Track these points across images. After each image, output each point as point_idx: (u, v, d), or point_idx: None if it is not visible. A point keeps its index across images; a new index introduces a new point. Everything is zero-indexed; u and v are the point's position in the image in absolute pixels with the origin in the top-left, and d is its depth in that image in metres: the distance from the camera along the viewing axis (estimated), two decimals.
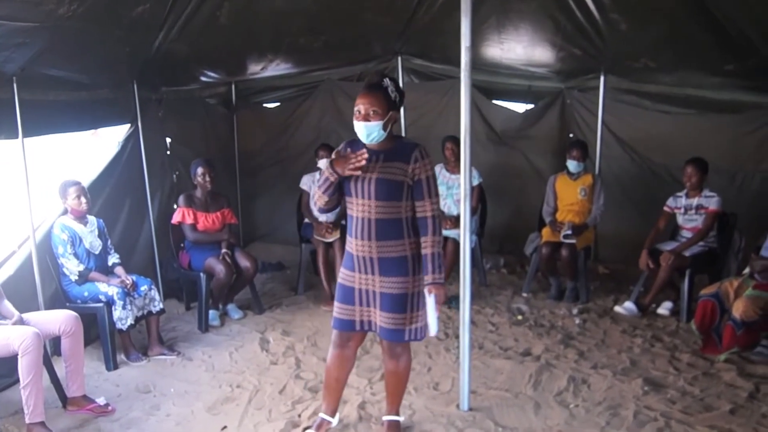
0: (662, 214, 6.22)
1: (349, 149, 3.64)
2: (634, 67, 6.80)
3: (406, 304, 3.62)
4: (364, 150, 3.54)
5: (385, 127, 3.53)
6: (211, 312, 6.09)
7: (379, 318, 3.66)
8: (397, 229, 3.58)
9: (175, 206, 6.20)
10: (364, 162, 3.49)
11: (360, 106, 3.53)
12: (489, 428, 4.04)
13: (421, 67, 8.31)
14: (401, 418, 4.04)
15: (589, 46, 6.39)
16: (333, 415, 4.03)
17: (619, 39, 6.15)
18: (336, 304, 3.78)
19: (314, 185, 3.65)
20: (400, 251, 3.59)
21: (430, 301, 3.61)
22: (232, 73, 7.79)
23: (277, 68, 7.62)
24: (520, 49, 6.86)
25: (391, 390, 3.95)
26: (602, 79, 7.21)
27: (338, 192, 3.66)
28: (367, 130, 3.53)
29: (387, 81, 3.59)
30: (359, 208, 3.59)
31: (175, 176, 6.99)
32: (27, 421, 3.99)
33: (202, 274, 5.97)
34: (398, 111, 3.64)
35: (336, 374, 3.91)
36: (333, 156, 3.68)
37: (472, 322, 4.29)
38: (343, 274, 3.76)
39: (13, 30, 4.13)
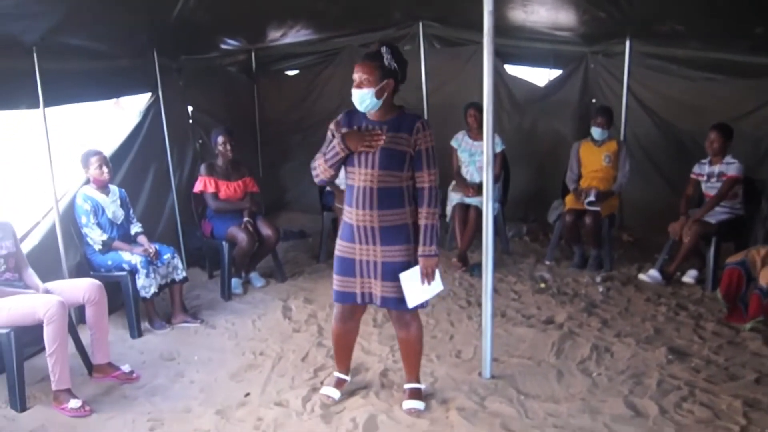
0: (690, 181, 6.12)
1: (365, 125, 3.62)
2: (661, 31, 6.65)
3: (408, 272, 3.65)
4: (380, 133, 3.54)
5: (378, 95, 3.53)
6: (234, 280, 6.11)
7: (381, 288, 3.68)
8: (398, 198, 3.61)
9: (197, 175, 6.21)
10: (381, 142, 3.51)
11: (355, 75, 3.55)
12: (511, 396, 4.03)
13: (442, 32, 8.20)
14: (422, 386, 4.05)
15: (614, 9, 6.25)
16: (347, 373, 4.14)
17: (646, 2, 6.00)
18: (336, 276, 3.79)
19: (320, 156, 3.64)
20: (401, 220, 3.63)
21: (413, 272, 3.62)
22: (252, 40, 7.74)
23: (297, 35, 7.56)
24: (543, 11, 6.72)
25: (406, 358, 3.98)
26: (628, 43, 7.05)
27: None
28: (360, 98, 3.55)
29: (384, 49, 3.58)
30: (361, 177, 3.59)
31: (198, 144, 7.00)
32: (53, 388, 4.05)
33: (224, 243, 5.99)
34: (397, 79, 3.60)
35: (342, 343, 4.04)
36: (333, 126, 3.70)
37: (495, 290, 4.26)
38: (341, 246, 3.76)
39: None
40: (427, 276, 3.64)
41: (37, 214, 5.28)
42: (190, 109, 7.02)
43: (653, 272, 6.05)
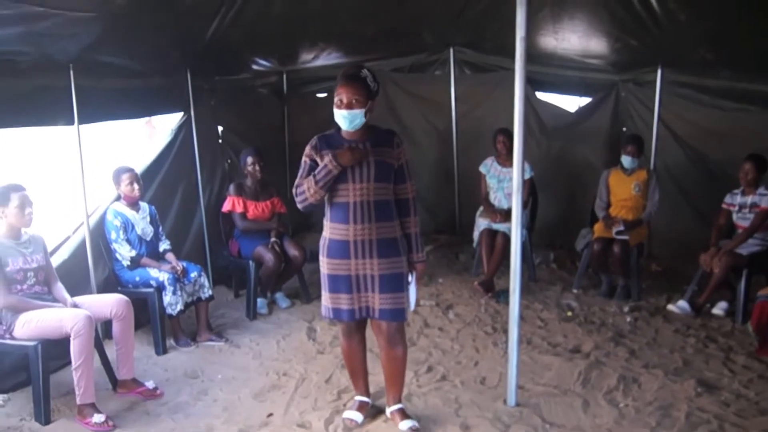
0: (721, 211, 6.05)
1: (347, 145, 3.69)
2: (692, 60, 6.61)
3: (403, 283, 3.77)
4: (363, 148, 3.67)
5: (366, 115, 3.67)
6: (260, 300, 6.13)
7: (379, 301, 3.72)
8: (389, 210, 3.74)
9: (225, 194, 6.25)
10: (365, 155, 3.66)
11: (342, 96, 3.64)
12: (536, 425, 3.97)
13: (473, 58, 8.25)
14: (404, 405, 4.07)
15: (646, 36, 6.22)
16: (368, 396, 4.15)
17: (678, 30, 5.96)
18: (329, 295, 3.82)
19: (304, 182, 3.71)
20: (394, 232, 3.75)
21: (413, 278, 3.83)
22: (284, 62, 7.80)
23: (328, 57, 7.62)
24: (575, 39, 6.72)
25: (392, 377, 3.99)
26: (659, 72, 7.01)
27: None
28: (351, 117, 3.65)
29: (365, 71, 3.70)
30: (357, 192, 3.65)
31: (227, 164, 7.05)
32: (78, 402, 4.07)
33: (251, 262, 6.01)
34: (375, 101, 3.74)
35: (352, 361, 4.07)
36: (310, 151, 3.77)
37: (521, 317, 4.22)
38: (332, 264, 3.76)
39: (69, 20, 4.20)
40: (420, 281, 3.89)
41: (67, 228, 5.35)
42: (220, 129, 7.08)
43: (682, 303, 5.96)
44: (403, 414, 3.97)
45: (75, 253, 5.12)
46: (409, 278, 3.80)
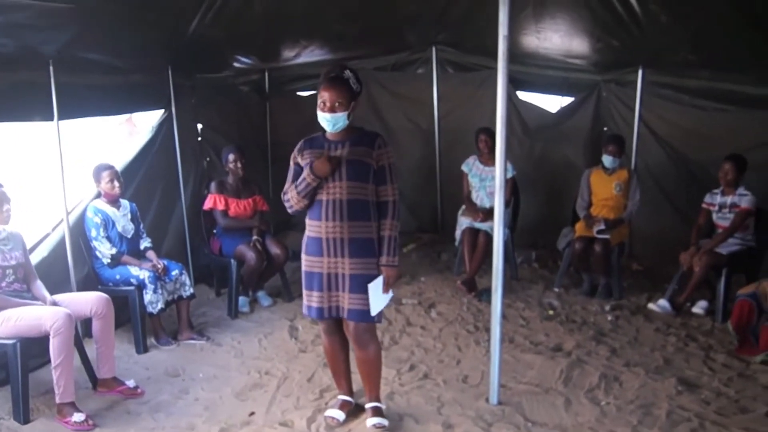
0: (701, 211, 6.09)
1: (327, 146, 3.75)
2: (674, 61, 6.66)
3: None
4: (338, 154, 3.70)
5: (349, 117, 3.69)
6: (241, 298, 6.10)
7: (348, 301, 3.73)
8: (365, 211, 3.72)
9: (206, 192, 6.21)
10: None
11: (326, 99, 3.66)
12: (518, 423, 3.98)
13: (455, 57, 8.26)
14: (383, 405, 4.06)
15: (627, 37, 6.26)
16: (351, 395, 4.14)
17: (659, 31, 6.02)
18: (305, 291, 3.86)
19: (291, 189, 3.74)
20: (368, 233, 3.73)
21: (378, 282, 3.71)
22: (266, 59, 7.76)
23: (311, 54, 7.59)
24: (557, 38, 6.75)
25: (366, 378, 3.99)
26: (640, 72, 7.05)
27: None
28: (334, 120, 3.67)
29: (348, 72, 3.72)
30: (330, 190, 3.68)
31: (205, 163, 7.01)
32: (57, 401, 4.03)
33: (232, 261, 5.98)
34: (358, 101, 3.77)
35: (334, 360, 4.08)
36: (296, 155, 3.82)
37: (503, 316, 4.23)
38: (308, 261, 3.81)
39: (47, 11, 4.18)
40: (389, 285, 3.76)
41: (47, 225, 5.29)
42: (199, 126, 7.03)
43: (663, 302, 6.00)
44: (375, 412, 3.96)
45: (54, 251, 5.06)
46: (376, 280, 3.72)
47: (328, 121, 3.68)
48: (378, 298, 3.72)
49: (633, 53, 6.76)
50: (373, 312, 3.71)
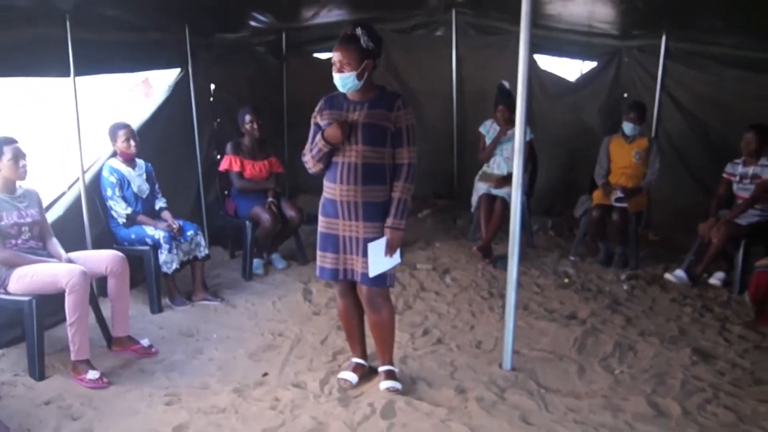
0: (721, 181, 6.00)
1: (345, 107, 3.70)
2: (699, 26, 6.52)
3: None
4: (350, 119, 3.64)
5: (359, 77, 3.62)
6: (256, 261, 6.10)
7: (362, 265, 3.70)
8: (380, 174, 3.67)
9: (216, 154, 6.18)
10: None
11: (334, 59, 3.62)
12: (531, 389, 3.97)
13: (475, 20, 8.15)
14: (396, 368, 4.05)
15: None
16: (365, 358, 4.14)
17: None
18: (319, 253, 3.84)
19: (307, 152, 3.70)
20: (383, 196, 3.69)
21: (380, 243, 3.66)
22: (284, 19, 7.67)
23: (329, 15, 7.49)
24: (580, 0, 6.62)
25: (379, 341, 3.98)
26: (664, 38, 6.93)
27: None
28: (342, 81, 3.63)
29: (359, 30, 3.62)
30: (346, 153, 3.65)
31: (215, 124, 6.95)
32: (72, 358, 4.06)
33: (247, 222, 5.97)
34: (375, 58, 3.67)
35: (348, 322, 4.07)
36: (316, 115, 3.77)
37: (518, 283, 4.20)
38: (324, 222, 3.80)
39: None
40: (392, 248, 3.70)
41: (63, 184, 5.29)
42: (212, 87, 6.97)
43: (679, 272, 5.95)
44: (388, 375, 3.96)
45: (70, 209, 5.06)
46: (379, 241, 3.67)
47: (338, 81, 3.64)
48: (379, 259, 3.67)
49: (657, 16, 6.62)
50: (371, 273, 3.67)
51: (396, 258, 3.74)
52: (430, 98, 8.45)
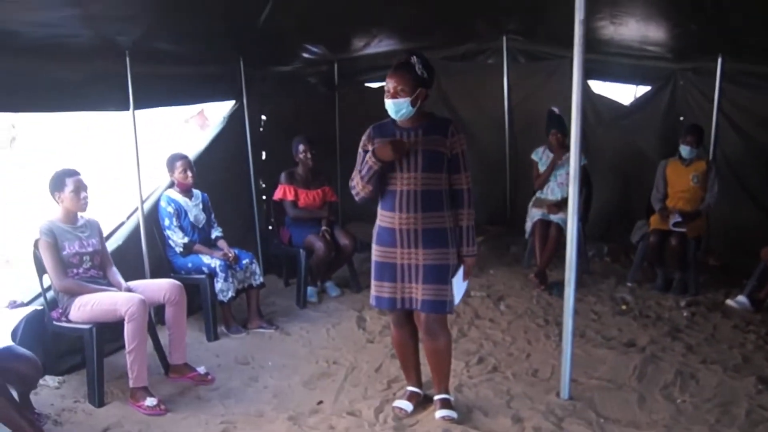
0: None
1: (398, 134, 3.71)
2: (755, 47, 6.39)
3: (448, 275, 3.71)
4: (407, 141, 3.65)
5: (413, 104, 3.62)
6: (310, 288, 6.13)
7: (422, 292, 3.69)
8: (438, 201, 3.68)
9: (262, 185, 6.26)
10: (409, 146, 3.63)
11: (388, 85, 3.64)
12: (590, 419, 3.88)
13: (526, 46, 8.13)
14: (451, 397, 4.00)
15: (706, 22, 6.03)
16: (420, 386, 4.11)
17: (741, 15, 5.77)
18: (375, 282, 3.83)
19: (356, 175, 3.71)
20: (441, 223, 3.69)
21: (459, 272, 3.75)
22: (335, 50, 7.76)
23: (379, 45, 7.56)
24: (633, 24, 6.53)
25: (435, 369, 3.94)
26: (720, 60, 6.81)
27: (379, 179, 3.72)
28: (396, 107, 3.64)
29: (414, 59, 3.65)
30: (404, 181, 3.65)
31: (263, 154, 7.02)
32: (131, 385, 4.13)
33: (301, 251, 6.01)
34: (428, 87, 3.69)
35: (403, 351, 4.05)
36: (365, 140, 3.79)
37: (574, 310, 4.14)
38: (380, 252, 3.79)
39: (123, 2, 4.29)
40: (469, 274, 3.81)
41: (122, 214, 5.41)
42: (263, 118, 7.07)
43: (741, 298, 5.79)
44: (444, 403, 3.92)
45: (129, 239, 5.18)
46: (458, 271, 3.73)
47: (391, 107, 3.65)
48: (460, 287, 3.74)
49: (713, 40, 6.52)
50: (457, 301, 3.73)
51: (467, 283, 3.83)
52: (482, 125, 8.43)
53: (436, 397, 3.96)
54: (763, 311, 5.70)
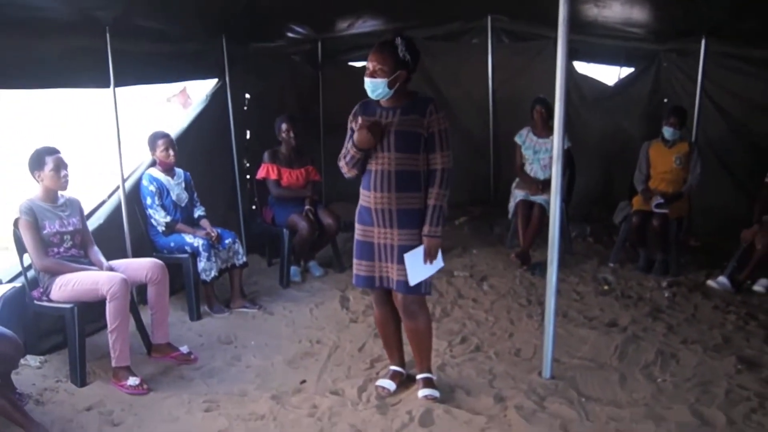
0: (764, 185, 5.88)
1: (378, 112, 3.69)
2: (738, 30, 6.41)
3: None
4: (381, 121, 3.63)
5: (390, 85, 3.59)
6: (293, 268, 6.12)
7: (397, 272, 3.69)
8: (415, 182, 3.66)
9: (246, 164, 6.21)
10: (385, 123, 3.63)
11: (369, 63, 3.61)
12: (572, 398, 3.91)
13: (511, 26, 8.11)
14: (434, 376, 4.02)
15: (690, 4, 6.04)
16: (403, 366, 4.12)
17: None
18: (355, 261, 3.84)
19: (341, 158, 3.70)
20: (417, 203, 3.67)
21: (417, 251, 3.65)
22: (319, 30, 7.71)
23: (363, 25, 7.52)
24: (617, 6, 6.55)
25: (416, 349, 3.96)
26: (703, 42, 6.82)
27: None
28: (373, 86, 3.61)
29: (399, 40, 3.62)
30: (379, 161, 3.65)
31: (248, 133, 6.98)
32: (113, 364, 4.11)
33: (285, 230, 5.99)
34: (409, 70, 3.64)
35: (385, 330, 4.05)
36: (351, 117, 3.76)
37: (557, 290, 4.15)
38: (360, 230, 3.80)
39: None
40: (430, 256, 3.67)
41: (103, 193, 5.36)
42: (247, 96, 7.02)
43: (722, 279, 5.84)
44: (426, 383, 3.93)
45: (110, 218, 5.13)
46: (416, 250, 3.65)
47: (368, 86, 3.62)
48: (418, 268, 3.66)
49: (696, 21, 6.53)
50: (412, 282, 3.65)
51: (438, 263, 3.72)
52: (466, 106, 8.42)
53: (419, 377, 3.97)
54: (744, 292, 5.75)
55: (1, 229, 5.25)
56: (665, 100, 7.45)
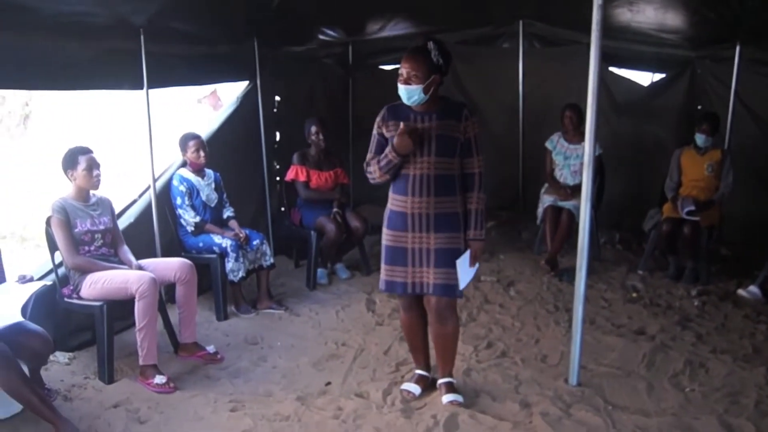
0: None
1: (412, 117, 3.67)
2: None
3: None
4: (420, 128, 3.62)
5: (426, 90, 3.58)
6: (320, 270, 6.14)
7: (433, 276, 3.69)
8: (451, 185, 3.68)
9: (275, 166, 6.24)
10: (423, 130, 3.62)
11: (402, 70, 3.60)
12: (598, 405, 3.88)
13: (542, 31, 8.06)
14: (455, 380, 4.01)
15: (725, 11, 5.96)
16: (428, 370, 4.11)
17: (759, 5, 5.70)
18: (385, 266, 3.82)
19: (373, 162, 3.70)
20: (453, 207, 3.68)
21: (465, 256, 3.69)
22: (350, 32, 7.73)
23: (394, 28, 7.53)
24: (650, 11, 6.48)
25: (442, 353, 3.95)
26: (737, 48, 6.73)
27: None
28: (408, 93, 3.60)
29: (431, 44, 3.60)
30: (418, 165, 3.64)
31: (277, 135, 7.01)
32: (140, 362, 4.15)
33: (312, 232, 6.01)
34: (442, 74, 3.65)
35: (412, 335, 4.05)
36: (379, 123, 3.76)
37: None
38: (391, 236, 3.77)
39: None
40: (476, 259, 3.73)
41: (134, 192, 5.42)
42: (277, 99, 7.05)
43: (753, 288, 5.76)
44: (449, 387, 3.93)
45: (141, 217, 5.19)
46: (464, 255, 3.69)
47: (403, 93, 3.61)
48: (465, 272, 3.70)
49: (731, 28, 6.44)
50: (462, 285, 3.69)
51: (475, 267, 3.77)
52: (496, 110, 8.39)
53: (440, 381, 3.97)
54: None
55: (35, 227, 5.34)
56: (699, 107, 7.35)
